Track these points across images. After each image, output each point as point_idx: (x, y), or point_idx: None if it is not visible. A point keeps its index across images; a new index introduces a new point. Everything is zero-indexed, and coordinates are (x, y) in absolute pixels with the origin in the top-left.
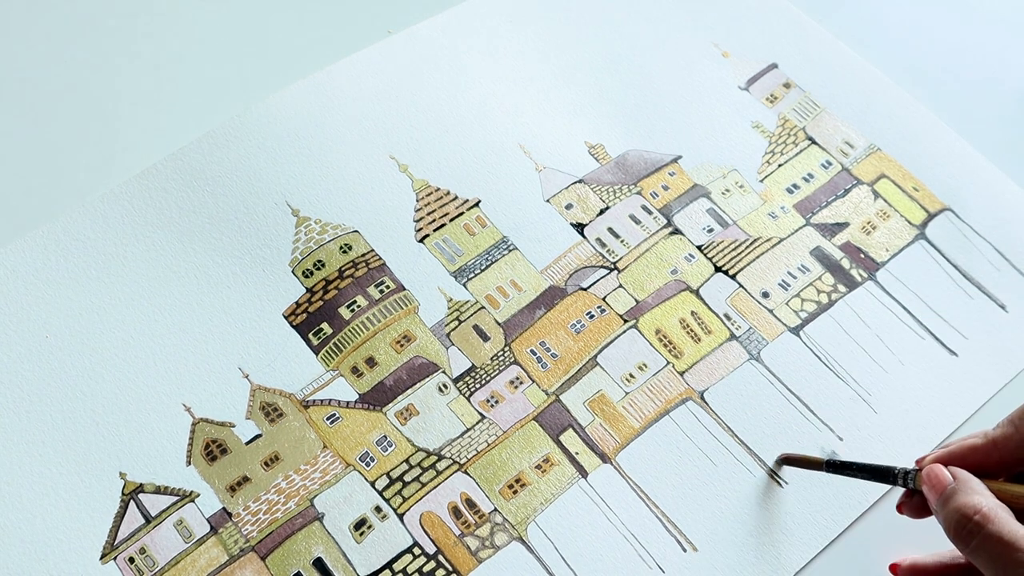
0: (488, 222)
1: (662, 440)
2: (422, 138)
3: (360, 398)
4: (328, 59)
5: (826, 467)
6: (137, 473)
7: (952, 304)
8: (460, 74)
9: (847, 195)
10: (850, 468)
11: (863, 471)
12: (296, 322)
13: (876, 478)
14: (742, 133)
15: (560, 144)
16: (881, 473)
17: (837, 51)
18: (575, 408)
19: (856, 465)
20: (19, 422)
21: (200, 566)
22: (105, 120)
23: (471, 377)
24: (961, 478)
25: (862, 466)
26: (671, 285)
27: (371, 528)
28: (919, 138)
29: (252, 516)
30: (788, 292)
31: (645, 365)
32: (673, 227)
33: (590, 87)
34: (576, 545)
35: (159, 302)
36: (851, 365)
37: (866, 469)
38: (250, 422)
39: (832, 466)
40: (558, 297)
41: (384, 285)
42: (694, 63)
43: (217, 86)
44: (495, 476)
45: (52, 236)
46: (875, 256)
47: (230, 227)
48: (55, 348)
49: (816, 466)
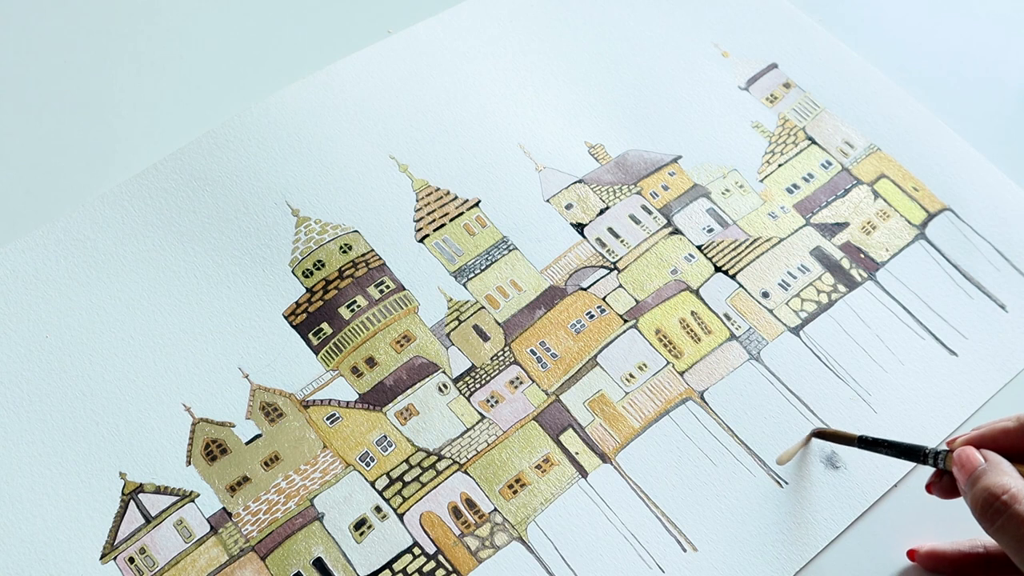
0: (488, 222)
1: (662, 440)
2: (422, 138)
3: (360, 398)
4: (328, 59)
5: (859, 443)
6: (137, 473)
7: (952, 304)
8: (460, 74)
9: (847, 195)
10: (882, 445)
11: (894, 448)
12: (296, 322)
13: (907, 456)
14: (742, 133)
15: (560, 144)
16: (912, 452)
17: (837, 51)
18: (575, 408)
19: (888, 443)
20: (19, 422)
21: (200, 566)
22: (105, 120)
23: (471, 377)
24: (992, 459)
25: (894, 444)
26: (671, 285)
27: (371, 528)
28: (919, 138)
29: (252, 516)
30: (788, 292)
31: (645, 365)
32: (673, 227)
33: (590, 87)
34: (576, 545)
35: (159, 302)
36: (851, 365)
37: (897, 447)
38: (250, 422)
39: (864, 442)
40: (558, 297)
41: (384, 285)
42: (694, 63)
43: (217, 86)
44: (495, 476)
45: (52, 236)
46: (875, 256)
47: (230, 227)
48: (55, 348)
49: (849, 441)
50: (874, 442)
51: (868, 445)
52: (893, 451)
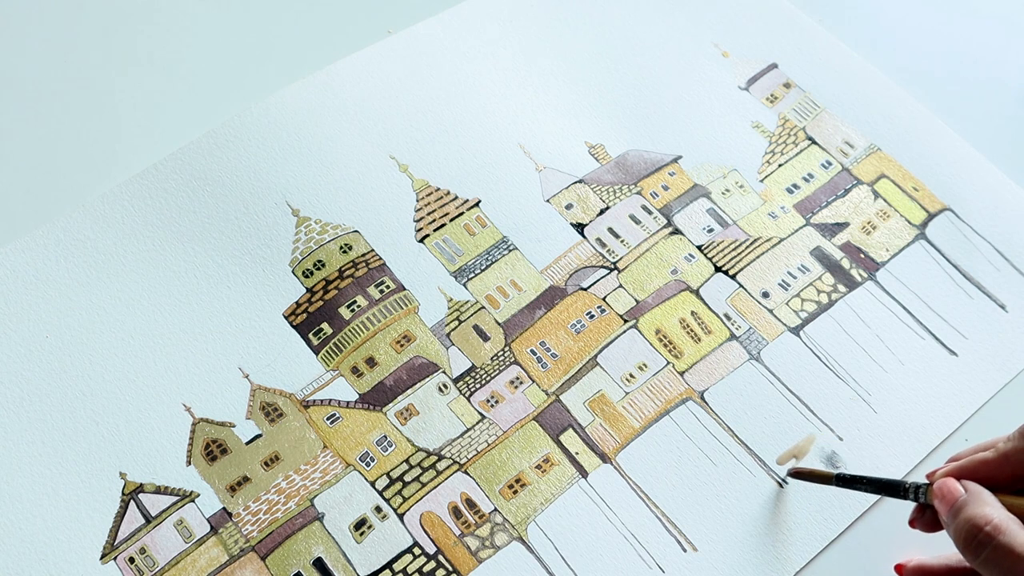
0: (488, 222)
1: (662, 440)
2: (422, 138)
3: (360, 398)
4: (328, 59)
5: (836, 481)
6: (137, 473)
7: (952, 304)
8: (460, 74)
9: (847, 195)
10: (860, 482)
11: (873, 485)
12: (296, 322)
13: (886, 492)
14: (742, 133)
15: (560, 144)
16: (891, 487)
17: (837, 51)
18: (575, 408)
19: (866, 479)
20: (19, 422)
21: (200, 566)
22: (105, 120)
23: (471, 377)
24: (972, 490)
25: (872, 480)
26: (671, 285)
27: (371, 528)
28: (919, 138)
29: (252, 516)
30: (788, 292)
31: (645, 365)
32: (673, 227)
33: (590, 87)
34: (576, 545)
35: (159, 302)
36: (851, 365)
37: (876, 483)
38: (250, 422)
39: (842, 480)
40: (558, 297)
41: (384, 285)
42: (694, 63)
43: (217, 86)
44: (495, 476)
45: (52, 236)
46: (875, 256)
47: (230, 227)
48: (55, 348)
49: (826, 480)
50: (852, 479)
51: (846, 483)
52: (872, 488)
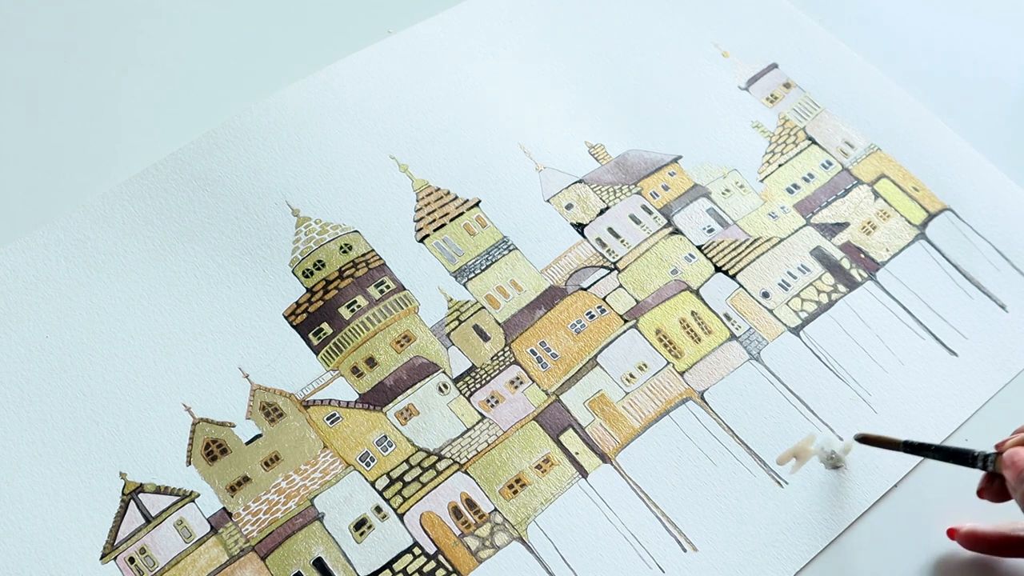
0: (488, 222)
1: (662, 440)
2: (422, 138)
3: (360, 398)
4: (328, 59)
5: (904, 447)
6: (137, 473)
7: (952, 304)
8: (460, 74)
9: (847, 195)
10: (928, 449)
11: (941, 452)
12: (296, 322)
13: (954, 460)
14: (742, 133)
15: (560, 144)
16: (959, 456)
17: (837, 51)
18: (575, 408)
19: (933, 447)
20: (19, 422)
21: (200, 566)
22: (105, 120)
23: (471, 377)
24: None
25: (940, 448)
26: (671, 285)
27: (371, 528)
28: (919, 138)
29: (252, 516)
30: (788, 292)
31: (645, 365)
32: (673, 227)
33: (590, 87)
34: (576, 545)
35: (159, 302)
36: (851, 365)
37: (944, 451)
38: (250, 422)
39: (910, 447)
40: (558, 297)
41: (384, 285)
42: (694, 63)
43: (217, 86)
44: (495, 476)
45: (52, 236)
46: (875, 256)
47: (230, 227)
48: (55, 348)
49: (893, 446)
50: (920, 447)
51: (913, 449)
52: (940, 455)
